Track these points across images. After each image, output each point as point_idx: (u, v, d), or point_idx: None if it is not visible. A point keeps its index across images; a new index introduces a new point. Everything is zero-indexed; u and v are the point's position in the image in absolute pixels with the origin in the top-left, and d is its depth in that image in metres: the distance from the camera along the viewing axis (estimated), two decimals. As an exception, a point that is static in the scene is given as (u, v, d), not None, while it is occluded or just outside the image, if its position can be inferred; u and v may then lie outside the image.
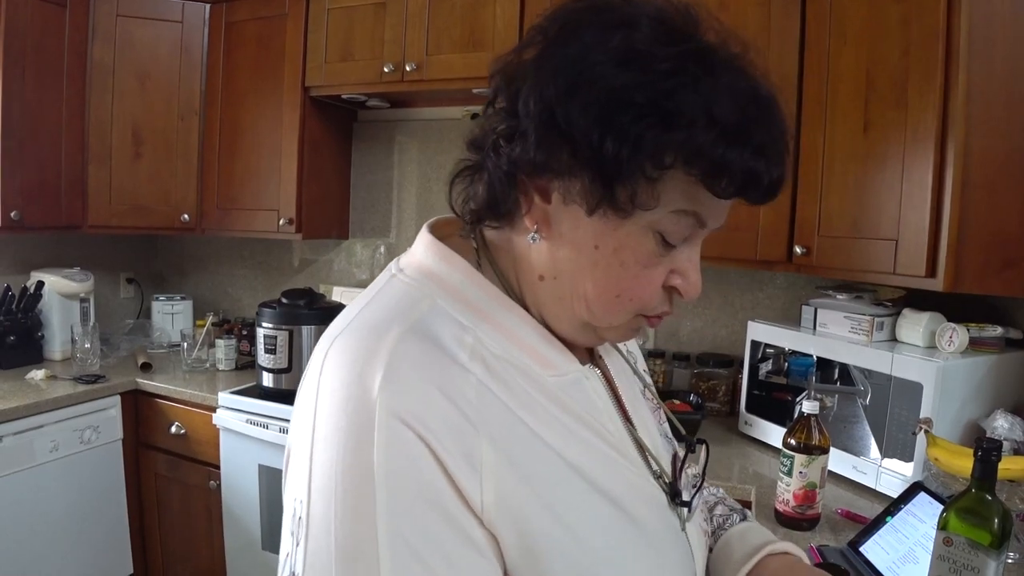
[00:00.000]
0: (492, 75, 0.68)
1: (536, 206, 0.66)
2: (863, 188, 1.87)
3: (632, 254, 0.65)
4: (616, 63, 0.59)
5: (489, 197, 0.68)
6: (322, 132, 2.85)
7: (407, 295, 0.68)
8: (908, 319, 1.89)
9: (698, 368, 2.45)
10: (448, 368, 0.61)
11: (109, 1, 2.72)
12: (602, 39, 0.60)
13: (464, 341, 0.64)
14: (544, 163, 0.62)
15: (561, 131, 0.60)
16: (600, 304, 0.67)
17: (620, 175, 0.60)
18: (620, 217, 0.62)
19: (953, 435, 1.72)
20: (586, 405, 0.71)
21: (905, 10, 1.76)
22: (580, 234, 0.65)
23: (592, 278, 0.66)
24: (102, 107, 2.76)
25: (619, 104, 0.58)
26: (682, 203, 0.62)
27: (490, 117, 0.68)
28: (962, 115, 1.64)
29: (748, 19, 2.07)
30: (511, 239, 0.71)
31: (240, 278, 3.43)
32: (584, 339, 0.72)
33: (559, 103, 0.60)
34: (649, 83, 0.58)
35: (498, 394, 0.63)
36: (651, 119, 0.58)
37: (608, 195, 0.61)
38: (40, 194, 2.62)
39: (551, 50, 0.62)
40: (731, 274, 2.49)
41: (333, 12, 2.61)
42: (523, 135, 0.62)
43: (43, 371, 2.57)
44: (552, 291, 0.69)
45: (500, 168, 0.66)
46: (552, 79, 0.60)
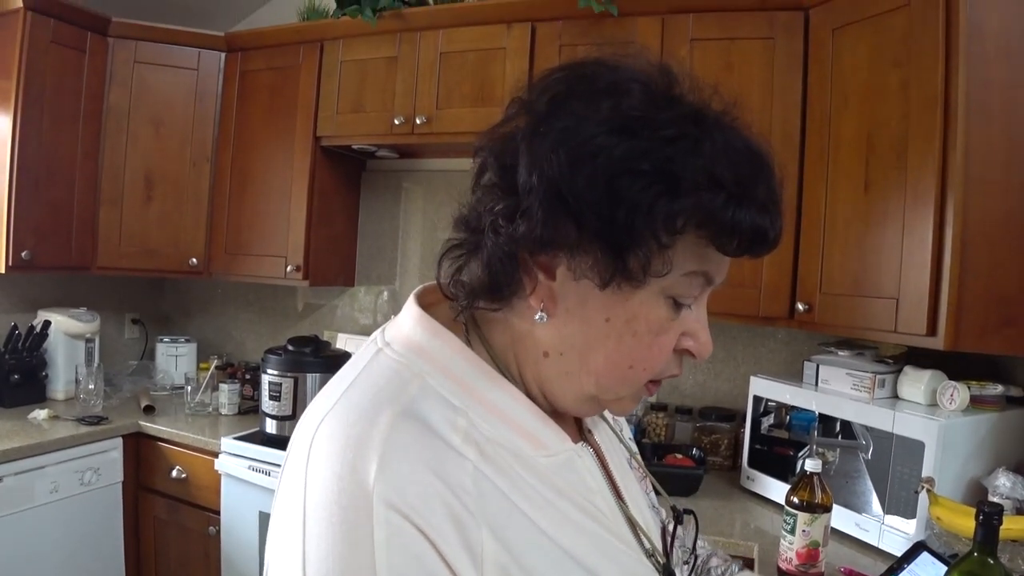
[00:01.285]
0: (478, 151, 0.67)
1: (541, 284, 0.65)
2: (864, 246, 1.90)
3: (645, 323, 0.64)
4: (613, 132, 0.59)
5: (489, 279, 0.66)
6: (331, 181, 2.89)
7: (396, 374, 0.65)
8: (909, 376, 1.90)
9: (700, 422, 2.45)
10: (444, 455, 0.59)
11: (127, 47, 2.79)
12: (592, 108, 0.60)
13: (457, 424, 0.62)
14: (552, 240, 0.61)
15: (568, 206, 0.59)
16: (612, 377, 0.66)
17: (632, 245, 0.59)
18: (633, 287, 0.62)
19: (955, 493, 1.72)
20: (579, 485, 0.69)
21: (904, 75, 1.81)
22: (589, 308, 0.64)
23: (604, 352, 0.65)
24: (116, 151, 2.81)
25: (625, 174, 0.58)
26: (692, 265, 0.63)
27: (482, 195, 0.66)
28: (961, 176, 1.67)
29: (752, 81, 2.13)
30: (507, 318, 0.69)
31: (244, 322, 3.44)
32: (587, 411, 0.73)
33: (563, 178, 0.59)
34: (652, 150, 0.58)
35: (494, 480, 0.61)
36: (659, 186, 0.58)
37: (621, 266, 0.60)
38: (51, 234, 2.65)
39: (543, 124, 0.62)
40: (733, 328, 2.51)
41: (346, 64, 2.68)
42: (526, 213, 0.60)
43: (46, 411, 2.57)
44: (558, 367, 0.67)
45: (501, 248, 0.64)
46: (552, 154, 0.59)
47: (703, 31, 2.18)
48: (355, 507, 0.55)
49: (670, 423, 2.53)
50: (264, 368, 2.51)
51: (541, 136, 0.61)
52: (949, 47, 1.71)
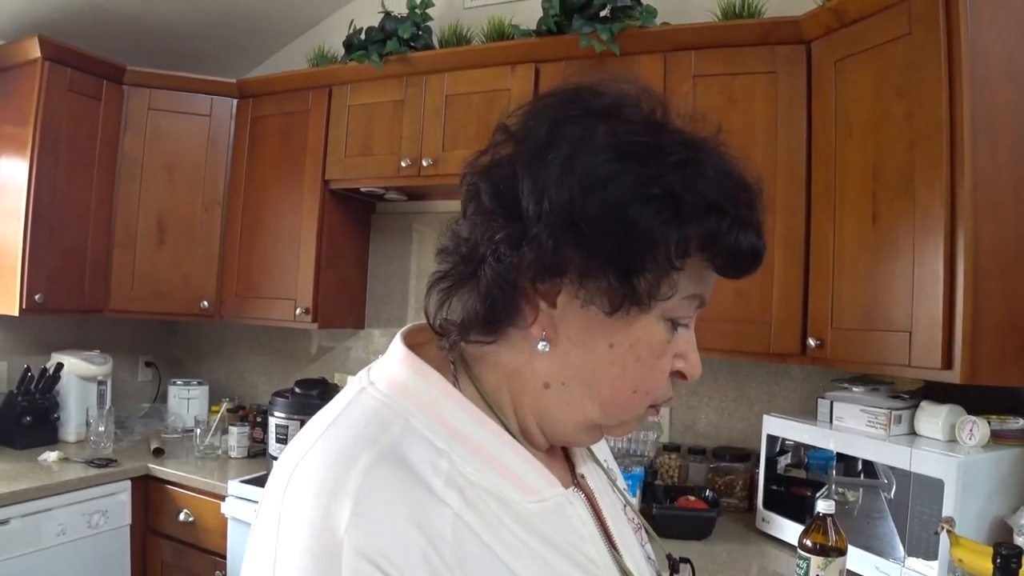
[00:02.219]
0: (466, 177, 0.66)
1: (543, 312, 0.64)
2: (874, 279, 1.86)
3: (647, 347, 0.64)
4: (620, 158, 0.59)
5: (487, 309, 0.64)
6: (341, 223, 2.91)
7: (378, 413, 0.63)
8: (926, 412, 1.84)
9: (714, 462, 2.39)
10: (423, 502, 0.57)
11: (142, 95, 2.86)
12: (589, 131, 0.61)
13: (439, 466, 0.60)
14: (559, 267, 0.60)
15: (581, 232, 0.59)
16: (617, 403, 0.66)
17: (643, 269, 0.60)
18: (640, 311, 0.62)
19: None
20: (569, 533, 0.66)
21: (908, 104, 1.79)
22: (593, 335, 0.64)
23: (609, 378, 0.65)
24: (130, 196, 2.87)
25: (637, 200, 0.59)
26: (692, 287, 0.64)
27: (478, 223, 0.65)
28: (970, 204, 1.64)
29: (756, 115, 2.12)
30: (500, 352, 0.67)
31: (256, 364, 3.45)
32: (587, 439, 0.72)
33: (576, 205, 0.58)
34: (661, 176, 0.59)
35: (475, 528, 0.59)
36: (669, 212, 0.59)
37: (631, 291, 0.60)
38: (65, 278, 2.69)
39: (546, 150, 0.61)
40: (746, 367, 2.46)
41: (353, 108, 2.72)
42: (535, 240, 0.60)
43: (56, 453, 2.57)
44: (559, 398, 0.66)
45: (502, 276, 0.62)
46: (559, 182, 0.59)
47: (705, 67, 2.19)
48: (326, 554, 0.53)
49: (683, 464, 2.46)
50: (271, 411, 2.50)
51: (546, 163, 0.60)
52: (952, 73, 1.69)
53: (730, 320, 2.11)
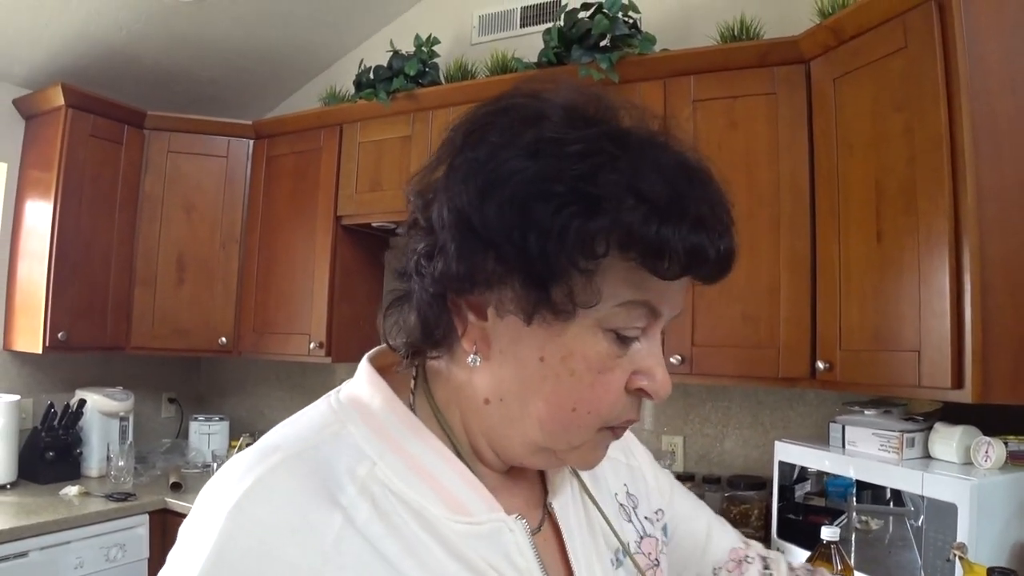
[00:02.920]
0: (407, 196, 0.65)
1: (472, 325, 0.61)
2: (881, 298, 1.82)
3: (583, 360, 0.59)
4: (527, 155, 0.56)
5: (421, 323, 0.63)
6: (354, 259, 2.95)
7: (321, 417, 0.65)
8: (940, 434, 1.78)
9: (729, 491, 2.33)
10: (312, 507, 0.57)
11: (161, 139, 2.97)
12: (511, 137, 0.58)
13: (356, 473, 0.59)
14: (469, 275, 0.57)
15: (480, 237, 0.56)
16: (555, 422, 0.61)
17: (552, 273, 0.55)
18: (562, 320, 0.58)
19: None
20: (498, 561, 0.62)
21: (907, 119, 1.76)
22: (522, 348, 0.60)
23: (542, 394, 0.60)
24: (150, 235, 2.96)
25: (536, 196, 0.54)
26: (628, 293, 0.58)
27: (407, 238, 0.64)
28: (974, 218, 1.60)
29: (758, 136, 2.11)
30: (449, 367, 0.66)
31: (277, 400, 3.49)
32: (542, 463, 0.68)
33: (473, 208, 0.56)
34: (564, 169, 0.54)
35: (374, 539, 0.58)
36: (573, 207, 0.54)
37: (544, 298, 0.56)
38: (87, 316, 2.77)
39: (459, 157, 0.59)
40: (760, 392, 2.41)
41: (363, 145, 2.78)
42: (442, 249, 0.58)
43: (77, 487, 2.61)
44: (500, 414, 0.63)
45: (427, 290, 0.61)
46: (463, 185, 0.57)
47: (705, 91, 2.19)
48: (208, 520, 0.56)
49: (698, 494, 2.39)
50: (283, 443, 2.51)
51: (456, 169, 0.59)
52: (950, 85, 1.66)
53: (737, 345, 2.08)
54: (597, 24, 2.26)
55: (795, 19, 2.18)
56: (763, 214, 2.07)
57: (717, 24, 2.28)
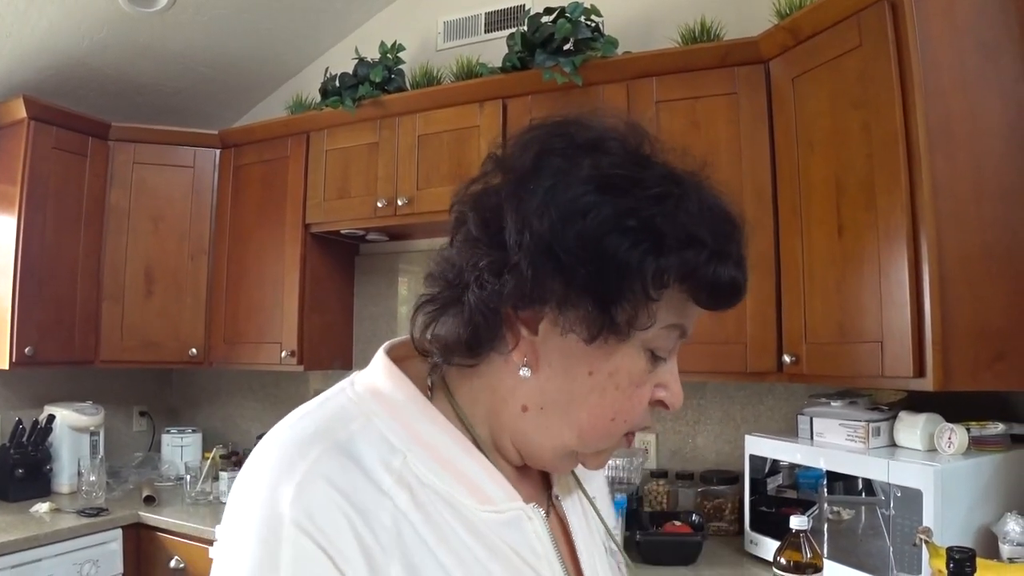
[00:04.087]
0: (455, 205, 0.69)
1: (524, 339, 0.65)
2: (844, 292, 1.86)
3: (627, 376, 0.65)
4: (600, 190, 0.61)
5: (471, 334, 0.66)
6: (324, 266, 2.95)
7: (345, 411, 0.67)
8: (905, 422, 1.82)
9: (702, 486, 2.36)
10: (365, 490, 0.60)
11: (126, 150, 2.94)
12: (574, 164, 0.62)
13: (391, 465, 0.63)
14: (539, 295, 0.62)
15: (559, 262, 0.60)
16: (595, 431, 0.67)
17: (621, 299, 0.61)
18: (618, 341, 0.63)
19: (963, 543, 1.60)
20: (521, 547, 0.67)
21: (864, 116, 1.81)
22: (572, 362, 0.65)
23: (587, 406, 0.66)
24: (117, 248, 2.93)
25: (614, 231, 0.60)
26: (672, 318, 0.64)
27: (464, 249, 0.66)
28: (930, 212, 1.64)
29: (720, 137, 2.15)
30: (482, 372, 0.69)
31: (250, 410, 3.47)
32: (564, 466, 0.73)
33: (555, 236, 0.60)
34: (639, 208, 0.60)
35: (417, 526, 0.62)
36: (647, 244, 0.60)
37: (609, 321, 0.61)
38: (55, 330, 2.73)
39: (529, 181, 0.63)
40: (730, 388, 2.45)
41: (330, 153, 2.78)
42: (515, 268, 0.61)
43: (48, 504, 2.58)
44: (537, 422, 0.68)
45: (485, 303, 0.64)
46: (540, 212, 0.61)
47: (667, 93, 2.22)
48: (268, 526, 0.57)
49: (672, 490, 2.43)
50: (257, 453, 2.49)
51: (529, 194, 0.62)
52: (904, 83, 1.70)
53: (706, 341, 2.11)
54: (560, 28, 2.28)
55: (754, 20, 2.22)
56: (727, 212, 2.10)
57: (678, 26, 2.32)
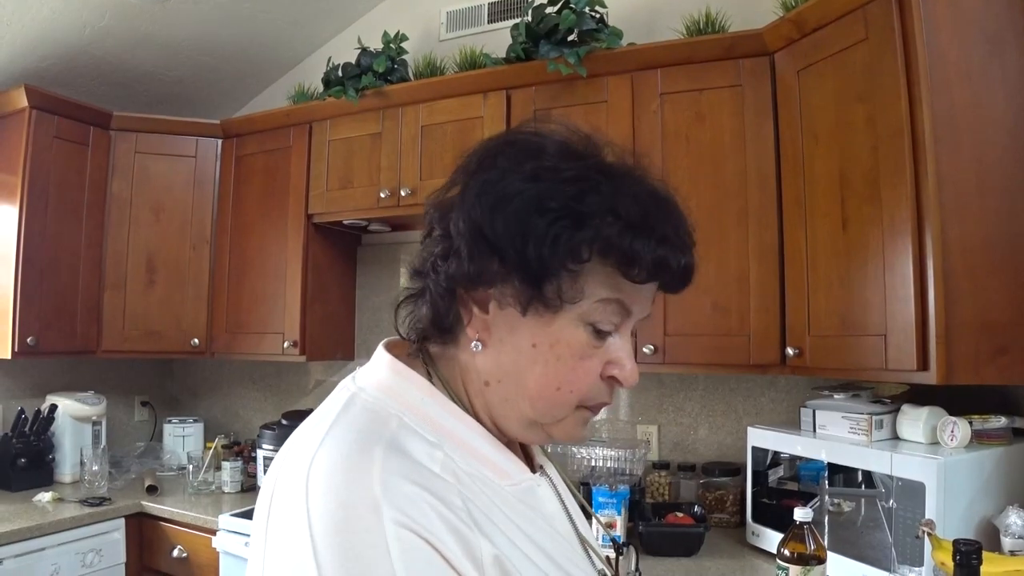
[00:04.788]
0: (426, 210, 0.77)
1: (476, 316, 0.73)
2: (848, 285, 1.86)
3: (567, 347, 0.71)
4: (528, 179, 0.69)
5: (433, 314, 0.75)
6: (326, 257, 2.95)
7: (375, 413, 0.70)
8: (907, 415, 1.82)
9: (704, 478, 2.37)
10: (432, 480, 0.65)
11: (128, 140, 2.93)
12: (515, 164, 0.70)
13: (435, 456, 0.68)
14: (478, 274, 0.69)
15: (489, 243, 0.68)
16: (543, 399, 0.73)
17: (545, 273, 0.67)
18: (552, 312, 0.70)
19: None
20: (539, 510, 0.77)
21: (870, 109, 1.80)
22: (518, 336, 0.72)
23: (533, 375, 0.72)
24: (119, 238, 2.93)
25: (535, 211, 0.67)
26: (605, 292, 0.70)
27: (427, 245, 0.76)
28: (935, 205, 1.64)
29: (724, 128, 2.14)
30: (455, 353, 0.77)
31: (251, 400, 3.47)
32: (533, 437, 0.78)
33: (484, 219, 0.68)
34: (559, 191, 0.68)
35: (474, 502, 0.67)
36: (564, 221, 0.67)
37: (537, 293, 0.68)
38: (56, 320, 2.73)
39: (474, 178, 0.72)
40: (732, 380, 2.45)
41: (333, 143, 2.77)
42: (456, 252, 0.70)
43: (51, 493, 2.59)
44: (498, 394, 0.75)
45: (440, 285, 0.72)
46: (477, 201, 0.69)
47: (672, 85, 2.22)
48: (367, 530, 0.60)
49: (673, 481, 2.44)
50: (259, 444, 2.51)
51: (470, 188, 0.71)
52: (910, 76, 1.70)
53: (709, 334, 2.11)
54: (564, 19, 2.27)
55: (759, 12, 2.22)
56: (731, 205, 2.11)
57: (683, 17, 2.31)
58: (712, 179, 2.12)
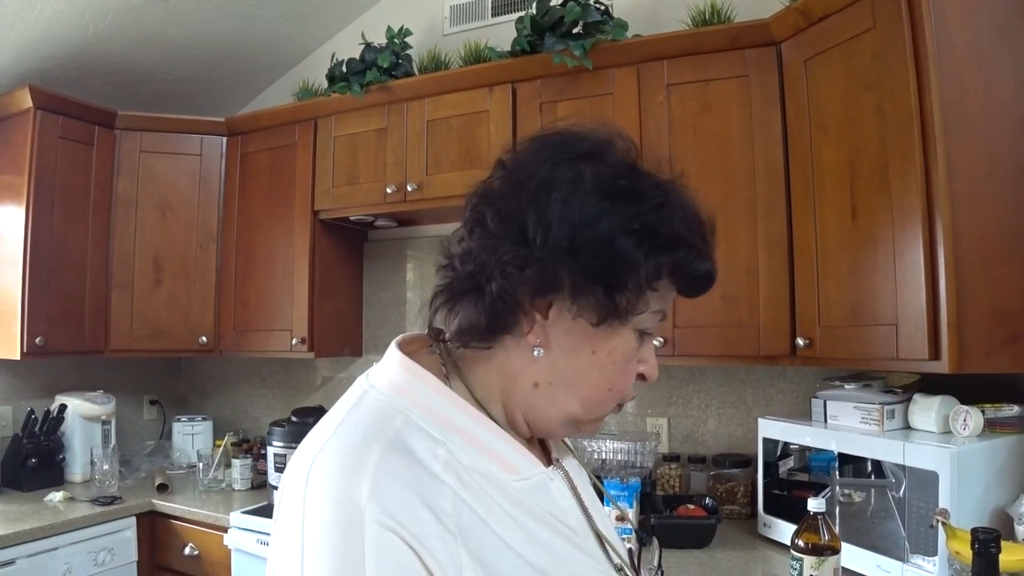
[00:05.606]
0: (471, 200, 0.78)
1: (538, 324, 0.75)
2: (858, 274, 1.85)
3: (623, 353, 0.77)
4: (607, 198, 0.72)
5: (489, 320, 0.75)
6: (333, 253, 2.95)
7: (381, 411, 0.72)
8: (919, 404, 1.82)
9: (715, 470, 2.37)
10: (427, 482, 0.66)
11: (133, 139, 2.93)
12: (579, 175, 0.73)
13: (437, 454, 0.69)
14: (556, 286, 0.72)
15: (577, 259, 0.71)
16: (594, 400, 0.78)
17: (624, 290, 0.72)
18: (620, 324, 0.74)
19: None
20: (551, 505, 0.77)
21: (878, 97, 1.79)
22: (578, 342, 0.75)
23: (589, 379, 0.76)
24: (125, 237, 2.93)
25: (622, 234, 0.71)
26: (658, 304, 0.76)
27: (484, 243, 0.75)
28: (945, 193, 1.63)
29: (731, 120, 2.13)
30: (496, 355, 0.78)
31: (260, 398, 3.48)
32: (566, 432, 0.82)
33: (574, 237, 0.71)
34: (640, 215, 0.72)
35: (470, 504, 0.68)
36: (648, 245, 0.71)
37: (614, 307, 0.72)
38: (64, 320, 2.74)
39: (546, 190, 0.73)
40: (741, 371, 2.45)
41: (339, 139, 2.76)
42: (538, 263, 0.71)
43: (61, 493, 2.60)
44: (547, 396, 0.77)
45: (507, 291, 0.73)
46: (561, 217, 0.71)
47: (678, 76, 2.21)
48: (350, 524, 0.61)
49: (684, 474, 2.44)
50: (270, 441, 2.51)
51: (549, 200, 0.72)
52: (919, 63, 1.69)
53: (719, 325, 2.11)
54: (569, 11, 2.27)
55: (765, 2, 2.19)
56: (739, 196, 2.10)
57: (688, 8, 2.30)
58: (720, 170, 2.12)
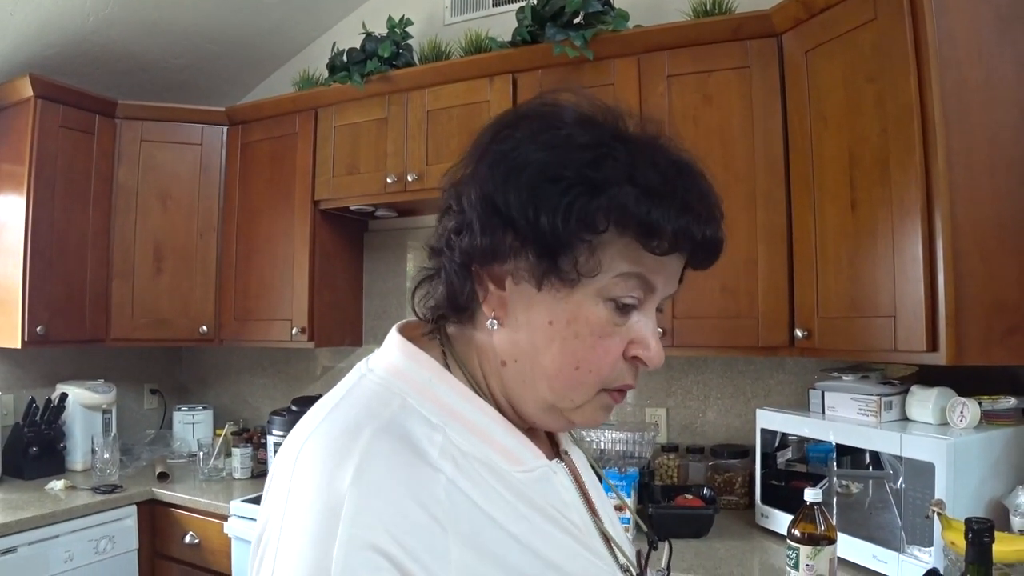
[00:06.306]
0: (443, 189, 0.74)
1: (492, 293, 0.70)
2: (857, 266, 1.86)
3: (586, 324, 0.68)
4: (543, 148, 0.66)
5: (448, 292, 0.72)
6: (333, 243, 2.95)
7: (378, 394, 0.69)
8: (917, 396, 1.83)
9: (713, 460, 2.37)
10: (418, 468, 0.62)
11: (133, 128, 2.93)
12: (531, 135, 0.67)
13: (434, 439, 0.65)
14: (491, 248, 0.67)
15: (502, 215, 0.65)
16: (561, 379, 0.69)
17: (559, 244, 0.64)
18: (568, 287, 0.66)
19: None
20: (553, 499, 0.72)
21: (879, 89, 1.79)
22: (534, 313, 0.69)
23: (550, 353, 0.69)
24: (126, 226, 2.93)
25: (548, 180, 0.64)
26: (624, 266, 0.66)
27: (442, 222, 0.73)
28: (945, 185, 1.63)
29: (732, 111, 2.13)
30: (472, 333, 0.74)
31: (260, 387, 3.49)
32: (553, 422, 0.74)
33: (497, 191, 0.66)
34: (573, 158, 0.65)
35: (467, 492, 0.64)
36: (578, 189, 0.64)
37: (552, 266, 0.65)
38: (65, 309, 2.74)
39: (488, 150, 0.69)
40: (740, 362, 2.45)
41: (339, 129, 2.76)
42: (469, 226, 0.68)
43: (63, 481, 2.61)
44: (515, 375, 0.71)
45: (455, 262, 0.70)
46: (489, 172, 0.67)
47: (679, 67, 2.20)
48: (328, 510, 0.58)
49: (682, 464, 2.45)
50: (269, 429, 2.52)
51: (484, 159, 0.69)
52: (920, 55, 1.69)
53: (718, 316, 2.11)
54: (570, 1, 2.26)
55: (766, -8, 2.20)
56: (739, 187, 2.10)
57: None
58: (720, 161, 2.11)
